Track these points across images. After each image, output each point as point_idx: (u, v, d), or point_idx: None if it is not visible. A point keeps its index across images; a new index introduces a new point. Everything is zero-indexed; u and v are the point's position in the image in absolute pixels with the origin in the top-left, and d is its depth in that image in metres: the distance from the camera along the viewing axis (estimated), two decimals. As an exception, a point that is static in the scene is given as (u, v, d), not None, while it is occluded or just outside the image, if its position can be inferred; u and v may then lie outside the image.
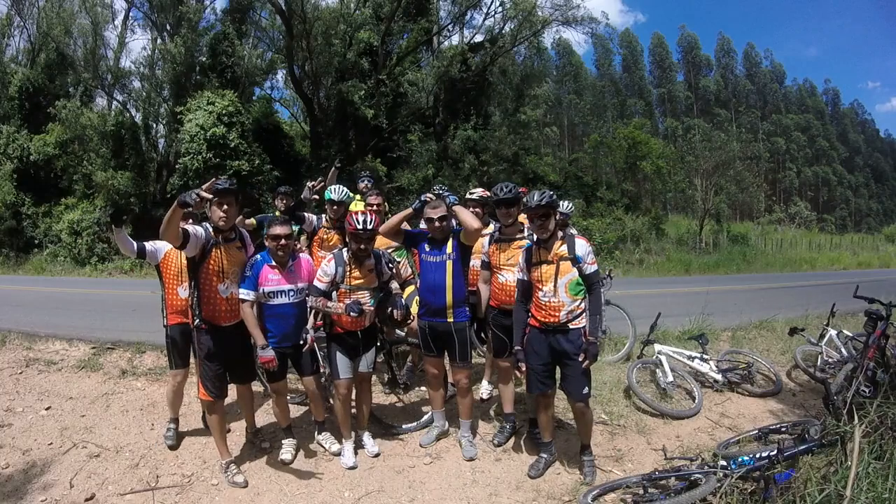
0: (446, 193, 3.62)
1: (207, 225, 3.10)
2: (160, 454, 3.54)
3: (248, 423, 3.73)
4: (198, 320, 3.10)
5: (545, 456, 3.39)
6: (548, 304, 3.10)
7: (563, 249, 3.11)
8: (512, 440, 3.79)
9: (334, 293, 3.29)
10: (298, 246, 3.64)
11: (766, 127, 56.34)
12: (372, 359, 3.54)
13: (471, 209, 3.74)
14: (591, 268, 3.08)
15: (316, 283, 3.27)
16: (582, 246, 3.10)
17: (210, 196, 2.84)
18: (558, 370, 3.26)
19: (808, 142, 58.29)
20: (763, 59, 63.03)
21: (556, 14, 18.11)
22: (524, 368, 3.24)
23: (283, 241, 3.19)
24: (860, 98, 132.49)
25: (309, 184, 4.33)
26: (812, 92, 64.93)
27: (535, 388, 3.26)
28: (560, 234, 3.20)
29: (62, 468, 3.33)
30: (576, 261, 3.08)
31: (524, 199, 3.22)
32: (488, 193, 3.75)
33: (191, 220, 3.35)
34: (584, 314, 3.13)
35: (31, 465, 3.35)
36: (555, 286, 3.07)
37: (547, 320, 3.12)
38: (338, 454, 3.45)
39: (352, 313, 3.11)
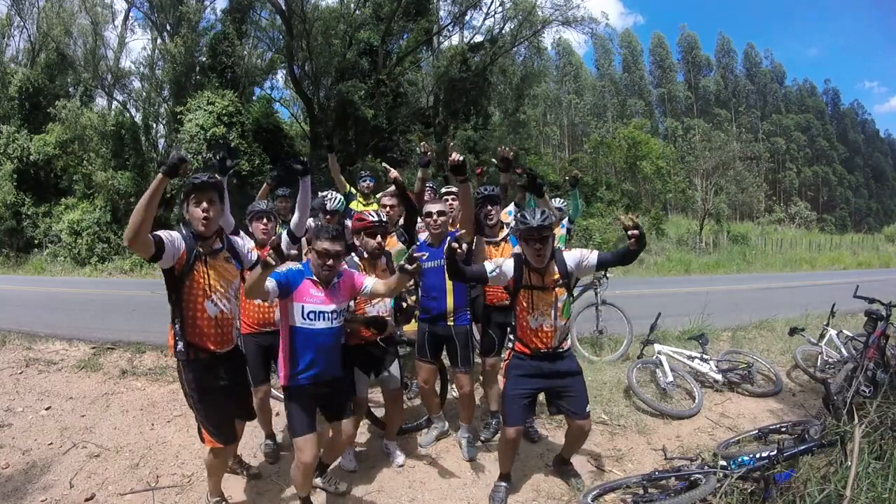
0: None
1: (186, 231, 2.50)
2: (160, 454, 3.53)
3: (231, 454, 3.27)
4: (181, 345, 2.48)
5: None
6: (539, 329, 2.84)
7: (555, 270, 2.84)
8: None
9: (351, 303, 3.03)
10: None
11: (766, 127, 56.34)
12: (398, 373, 3.29)
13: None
14: (592, 259, 2.80)
15: None
16: (571, 258, 2.86)
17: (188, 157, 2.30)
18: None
19: (808, 142, 58.24)
20: (763, 59, 63.03)
21: (556, 14, 18.16)
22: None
23: (330, 261, 2.60)
24: (860, 98, 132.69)
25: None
26: (812, 92, 64.87)
27: (515, 419, 2.93)
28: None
29: (62, 468, 3.33)
30: (568, 277, 2.89)
31: (518, 217, 2.89)
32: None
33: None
34: (569, 334, 3.02)
35: (31, 465, 3.35)
36: (551, 312, 2.82)
37: (539, 347, 2.86)
38: (343, 493, 3.09)
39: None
